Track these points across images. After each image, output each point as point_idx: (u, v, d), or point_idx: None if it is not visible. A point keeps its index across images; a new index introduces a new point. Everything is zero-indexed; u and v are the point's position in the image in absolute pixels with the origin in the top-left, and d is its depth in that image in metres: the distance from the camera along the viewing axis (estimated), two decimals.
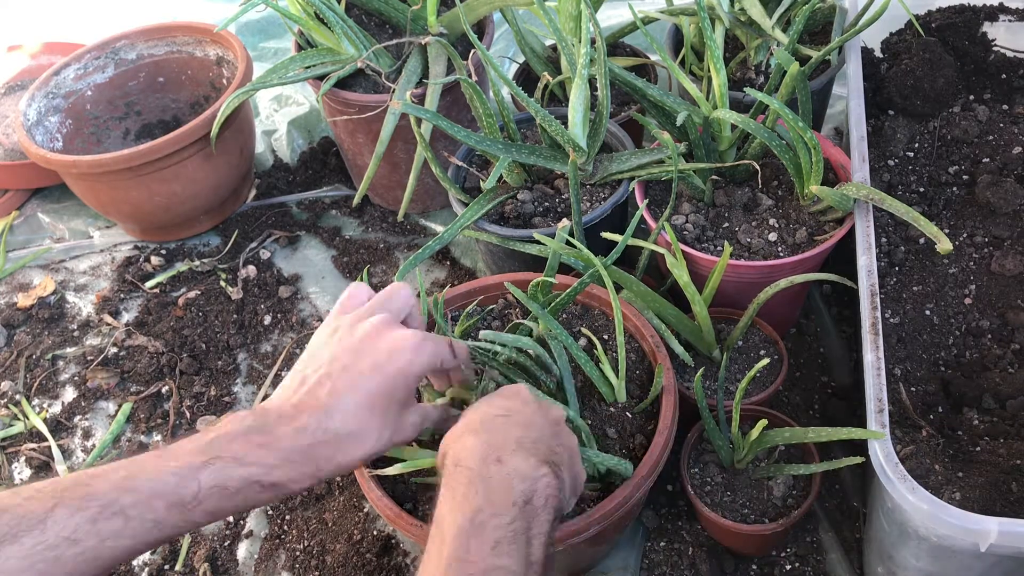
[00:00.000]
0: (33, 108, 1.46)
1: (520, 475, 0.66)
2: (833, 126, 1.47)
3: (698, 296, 0.98)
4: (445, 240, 1.10)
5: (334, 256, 1.44)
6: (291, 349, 1.31)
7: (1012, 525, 0.69)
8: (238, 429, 0.71)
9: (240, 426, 0.71)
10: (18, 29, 2.00)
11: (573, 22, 1.16)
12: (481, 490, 0.65)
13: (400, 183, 1.38)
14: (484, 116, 1.12)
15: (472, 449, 0.68)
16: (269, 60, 1.83)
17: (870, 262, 0.91)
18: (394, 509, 0.86)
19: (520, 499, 0.64)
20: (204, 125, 1.35)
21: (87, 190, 1.42)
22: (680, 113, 1.03)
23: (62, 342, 1.38)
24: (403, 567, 1.05)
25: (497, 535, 0.62)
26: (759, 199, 1.10)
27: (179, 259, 1.48)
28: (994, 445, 0.86)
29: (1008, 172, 1.06)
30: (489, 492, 0.64)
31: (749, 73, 1.25)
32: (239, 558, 1.10)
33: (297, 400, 0.73)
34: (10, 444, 1.25)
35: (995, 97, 1.17)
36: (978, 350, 0.95)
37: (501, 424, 0.71)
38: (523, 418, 0.72)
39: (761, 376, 1.03)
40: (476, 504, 0.63)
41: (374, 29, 1.36)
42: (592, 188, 1.14)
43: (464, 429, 0.71)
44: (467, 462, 0.67)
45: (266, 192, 1.55)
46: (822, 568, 1.00)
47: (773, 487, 0.94)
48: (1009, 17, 1.22)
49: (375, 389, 0.73)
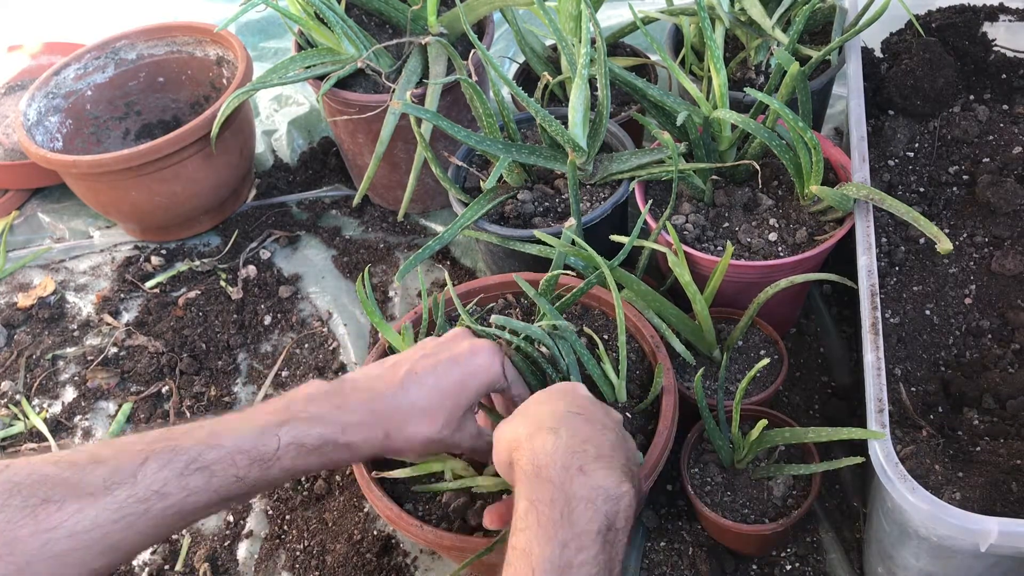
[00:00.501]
0: (33, 108, 1.46)
1: (605, 494, 0.64)
2: (833, 126, 1.47)
3: (699, 296, 0.98)
4: (445, 240, 1.10)
5: (334, 256, 1.44)
6: (291, 349, 1.31)
7: (1012, 525, 0.69)
8: (316, 392, 0.76)
9: (318, 390, 0.76)
10: (18, 29, 2.00)
11: (573, 22, 1.16)
12: (566, 515, 0.62)
13: (400, 183, 1.38)
14: (484, 116, 1.12)
15: (552, 453, 0.65)
16: (269, 60, 1.83)
17: (870, 262, 0.91)
18: (394, 510, 0.86)
19: (604, 525, 0.63)
20: (204, 125, 1.35)
21: (87, 190, 1.42)
22: (680, 113, 1.03)
23: (62, 342, 1.38)
24: (403, 567, 1.05)
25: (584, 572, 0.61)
26: (759, 199, 1.10)
27: (179, 259, 1.48)
28: (994, 445, 0.85)
29: (1008, 172, 1.06)
30: (574, 518, 0.62)
31: (749, 73, 1.25)
32: (239, 558, 1.10)
33: (376, 373, 0.79)
34: (10, 444, 1.25)
35: (995, 97, 1.17)
36: (978, 350, 0.95)
37: (580, 424, 0.69)
38: (596, 418, 0.71)
39: (761, 376, 1.03)
40: (563, 537, 0.61)
41: (374, 29, 1.36)
42: (592, 188, 1.14)
43: (535, 424, 0.69)
44: (549, 470, 0.64)
45: (266, 192, 1.55)
46: (822, 568, 0.99)
47: (773, 487, 0.94)
48: (1009, 17, 1.22)
49: (451, 379, 0.78)
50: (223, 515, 1.14)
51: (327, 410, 0.74)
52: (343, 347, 1.31)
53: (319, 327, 1.34)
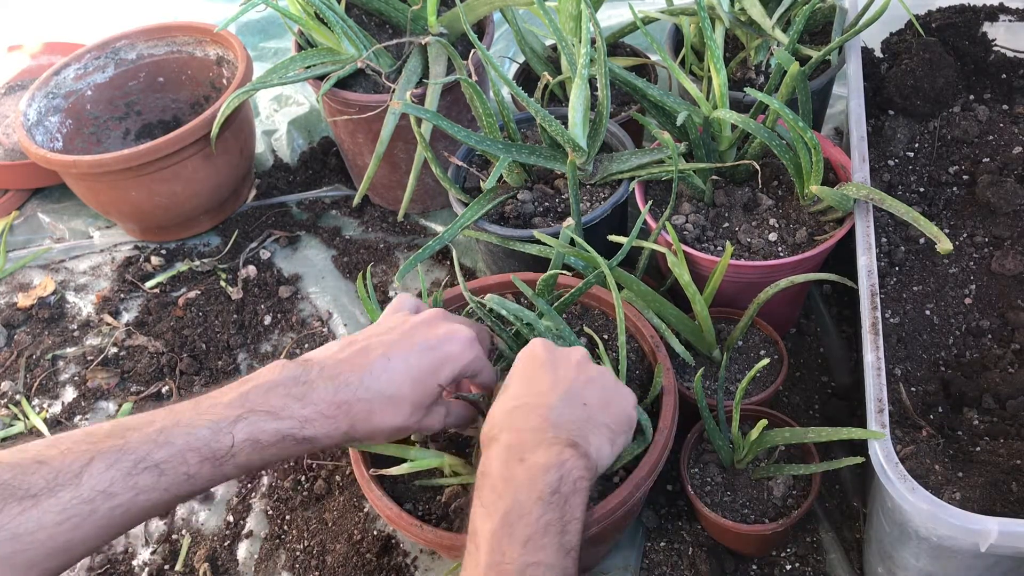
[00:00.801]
0: (33, 108, 1.46)
1: (543, 468, 0.65)
2: (833, 126, 1.47)
3: (699, 296, 0.98)
4: (445, 240, 1.10)
5: (334, 256, 1.44)
6: (291, 349, 1.31)
7: (1012, 525, 0.69)
8: (276, 379, 0.71)
9: (279, 375, 0.72)
10: (18, 29, 2.00)
11: (573, 22, 1.16)
12: (507, 492, 0.65)
13: (400, 183, 1.38)
14: (484, 116, 1.12)
15: (494, 457, 0.68)
16: (269, 60, 1.83)
17: (870, 262, 0.91)
18: (394, 509, 0.86)
19: (547, 491, 0.64)
20: (204, 125, 1.35)
21: (87, 190, 1.42)
22: (680, 113, 1.03)
23: (62, 342, 1.38)
24: (403, 567, 1.05)
25: (527, 532, 0.62)
26: (759, 199, 1.10)
27: (179, 259, 1.48)
28: (994, 445, 0.86)
29: (1008, 172, 1.06)
30: (515, 492, 0.64)
31: (749, 73, 1.25)
32: (239, 558, 1.10)
33: (344, 356, 0.74)
34: (10, 444, 1.25)
35: (995, 97, 1.17)
36: (978, 350, 0.95)
37: (519, 417, 0.70)
38: (539, 397, 0.71)
39: (761, 376, 1.03)
40: (504, 507, 0.64)
41: (374, 29, 1.36)
42: (592, 188, 1.14)
43: (488, 434, 0.71)
44: (491, 470, 0.67)
45: (266, 192, 1.55)
46: (822, 568, 0.99)
47: (773, 487, 0.94)
48: (1009, 17, 1.22)
49: (423, 364, 0.75)
50: (223, 515, 1.14)
51: (286, 403, 0.70)
52: None
53: (319, 327, 1.34)
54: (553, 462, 0.66)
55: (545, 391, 0.72)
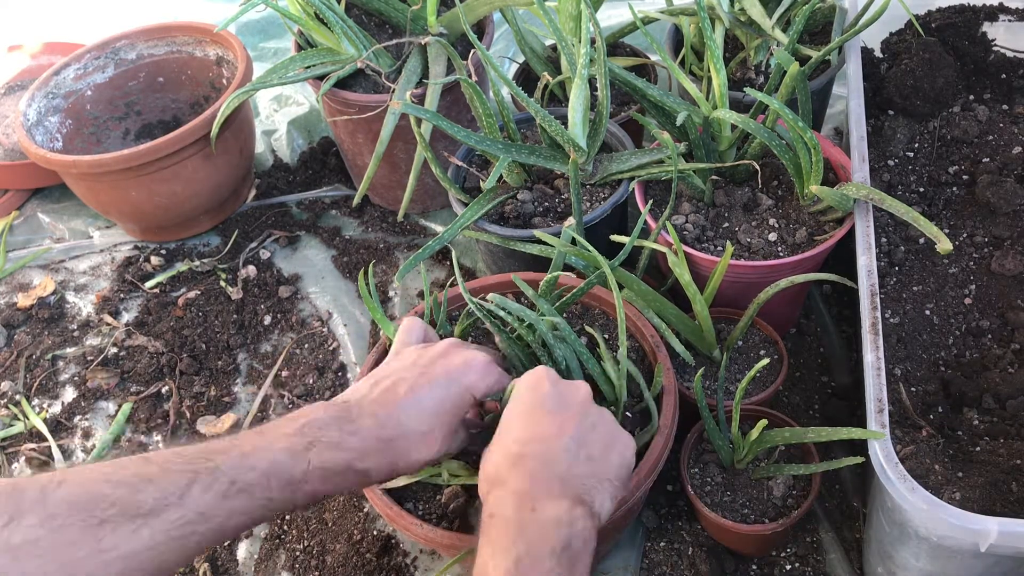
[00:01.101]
0: (33, 108, 1.46)
1: (555, 522, 0.66)
2: (833, 126, 1.47)
3: (699, 296, 0.98)
4: (445, 240, 1.10)
5: (334, 256, 1.44)
6: (291, 349, 1.31)
7: (1012, 525, 0.69)
8: (325, 416, 0.73)
9: (326, 414, 0.73)
10: (18, 29, 2.00)
11: (573, 22, 1.16)
12: (520, 539, 0.65)
13: (400, 183, 1.38)
14: (484, 116, 1.12)
15: (504, 502, 0.69)
16: (269, 60, 1.83)
17: (870, 262, 0.91)
18: (394, 509, 0.86)
19: (559, 545, 0.65)
20: (204, 125, 1.35)
21: (87, 190, 1.42)
22: (680, 113, 1.03)
23: (62, 342, 1.38)
24: (403, 567, 1.05)
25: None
26: (759, 199, 1.10)
27: (179, 259, 1.48)
28: (994, 445, 0.86)
29: (1008, 172, 1.06)
30: (528, 540, 0.65)
31: (749, 73, 1.25)
32: (239, 558, 1.10)
33: (375, 396, 0.76)
34: (10, 444, 1.25)
35: (995, 97, 1.17)
36: (978, 350, 0.95)
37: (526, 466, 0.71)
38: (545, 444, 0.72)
39: (761, 376, 1.03)
40: (517, 553, 0.64)
41: (374, 29, 1.36)
42: (592, 188, 1.14)
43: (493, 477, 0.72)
44: (500, 513, 0.68)
45: (266, 192, 1.55)
46: (822, 568, 0.99)
47: (773, 487, 0.94)
48: (1009, 17, 1.22)
49: (448, 397, 0.77)
50: None
51: (343, 437, 0.72)
52: (343, 347, 1.31)
53: (319, 327, 1.34)
54: (564, 518, 0.67)
55: (550, 437, 0.72)
